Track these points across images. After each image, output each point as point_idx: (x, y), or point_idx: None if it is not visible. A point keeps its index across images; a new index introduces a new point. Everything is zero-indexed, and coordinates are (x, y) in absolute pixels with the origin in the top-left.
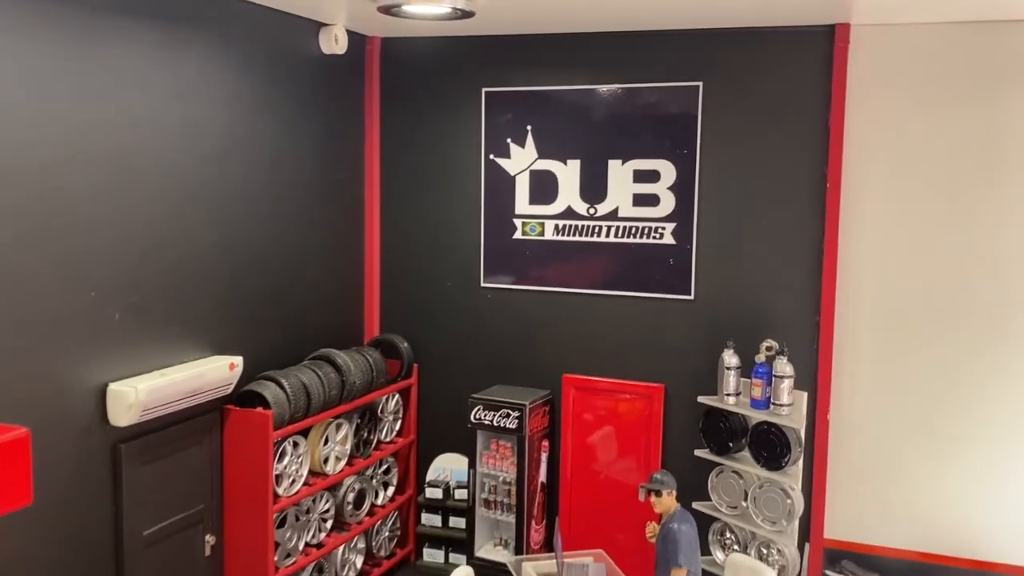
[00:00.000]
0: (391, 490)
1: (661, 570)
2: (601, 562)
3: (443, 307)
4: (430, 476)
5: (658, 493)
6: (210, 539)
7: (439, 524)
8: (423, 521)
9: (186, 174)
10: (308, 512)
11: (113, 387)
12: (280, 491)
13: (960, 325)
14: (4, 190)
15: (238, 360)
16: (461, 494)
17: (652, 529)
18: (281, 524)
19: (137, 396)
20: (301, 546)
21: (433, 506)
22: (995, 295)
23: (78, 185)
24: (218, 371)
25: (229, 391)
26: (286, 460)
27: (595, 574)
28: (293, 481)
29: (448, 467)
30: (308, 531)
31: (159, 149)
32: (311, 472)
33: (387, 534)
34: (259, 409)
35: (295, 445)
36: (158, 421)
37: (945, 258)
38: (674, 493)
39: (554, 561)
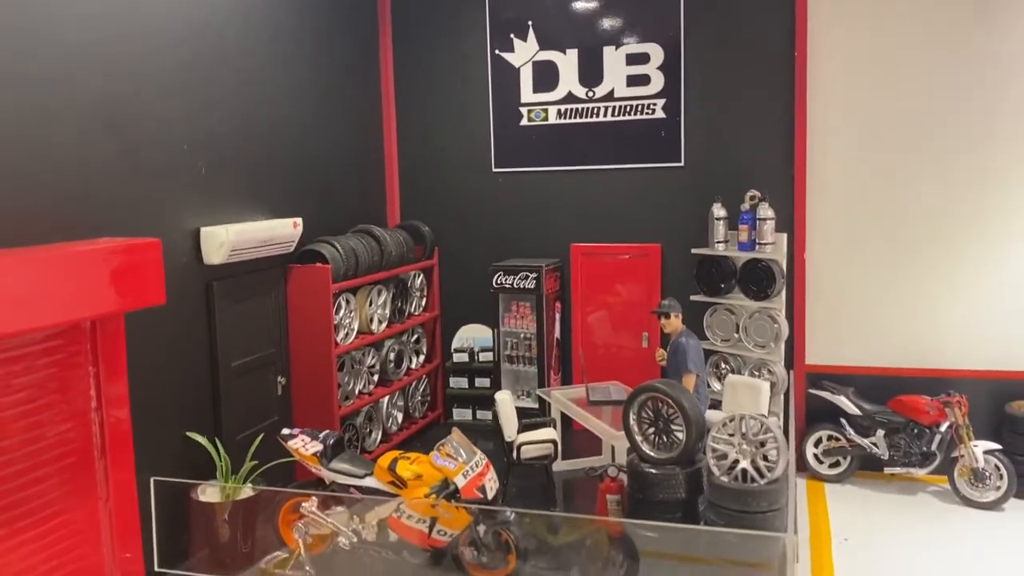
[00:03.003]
0: (422, 357)
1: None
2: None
3: (458, 194)
4: (455, 345)
5: (667, 316)
6: (281, 380)
7: (466, 386)
8: (451, 384)
9: (245, 67)
10: (359, 363)
11: (205, 229)
12: (338, 339)
13: (912, 173)
14: (137, 63)
15: (299, 221)
16: (485, 356)
17: (661, 354)
18: (340, 368)
19: (228, 235)
20: (356, 391)
21: (460, 370)
22: (944, 136)
23: (175, 65)
24: (285, 227)
25: (291, 248)
26: (341, 313)
27: (616, 392)
28: (347, 334)
29: (471, 336)
30: (360, 380)
31: (232, 51)
32: (359, 332)
33: (419, 398)
34: (318, 264)
35: (347, 302)
36: (239, 267)
37: (900, 109)
38: (680, 316)
39: (578, 388)
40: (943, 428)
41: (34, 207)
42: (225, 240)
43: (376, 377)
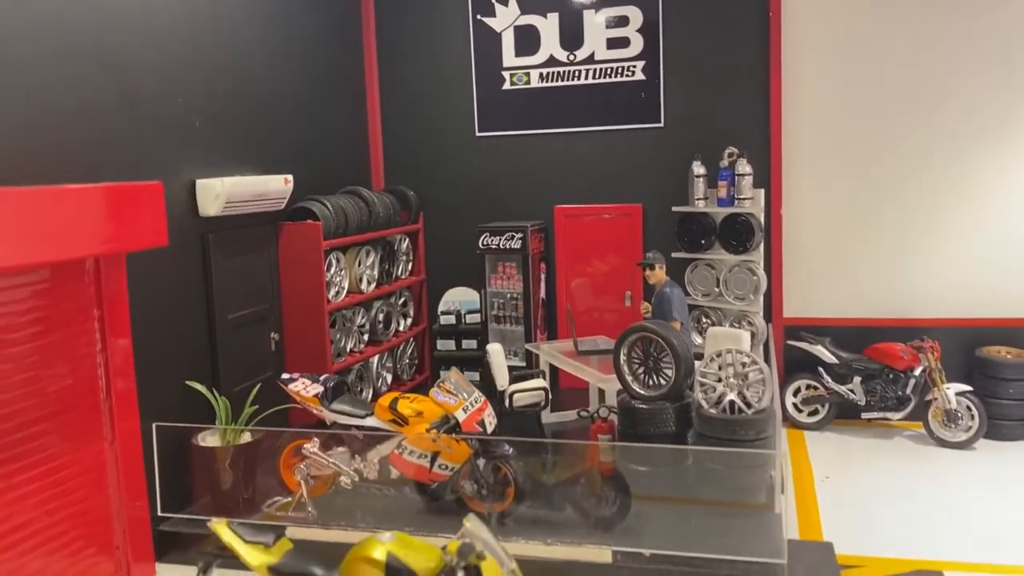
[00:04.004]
0: (409, 321)
1: None
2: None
3: (442, 159)
4: (441, 308)
5: (651, 267)
6: (275, 336)
7: (453, 348)
8: (438, 347)
9: (235, 24)
10: (350, 322)
11: (201, 182)
12: (329, 297)
13: (884, 131)
14: (134, 14)
15: (290, 177)
16: (472, 319)
17: (646, 307)
18: (332, 326)
19: (223, 187)
20: (348, 349)
21: (447, 332)
22: (917, 95)
23: (170, 18)
24: (276, 183)
25: (282, 206)
26: (332, 270)
27: (604, 343)
28: (337, 292)
29: (457, 299)
30: (351, 338)
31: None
32: (349, 291)
33: (407, 361)
34: (309, 222)
35: (337, 260)
36: (233, 221)
37: (874, 69)
38: (664, 267)
39: (566, 342)
40: (917, 372)
41: (34, 150)
42: (221, 192)
43: (366, 337)
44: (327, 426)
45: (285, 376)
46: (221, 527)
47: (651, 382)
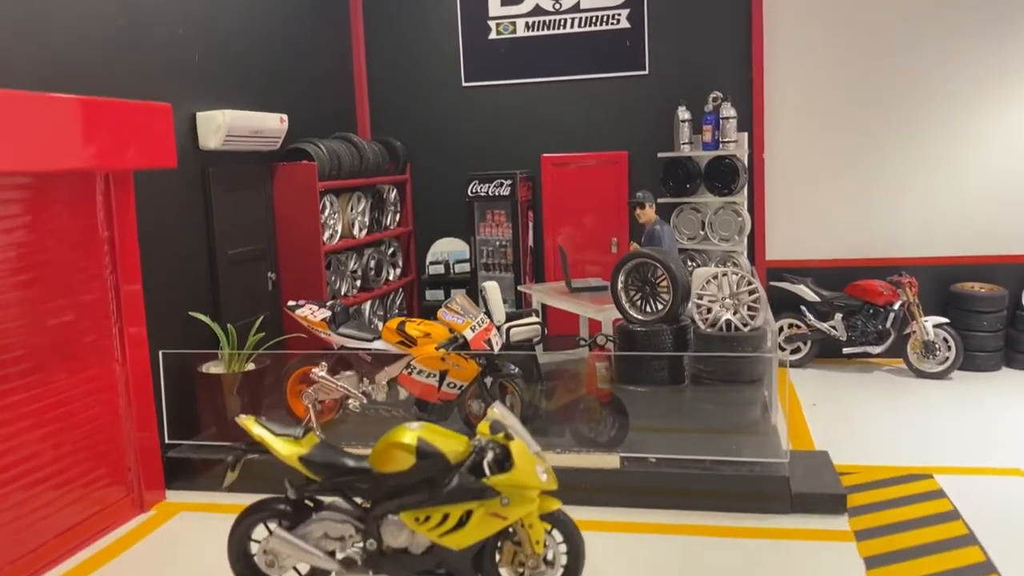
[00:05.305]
0: (398, 271)
1: None
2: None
3: (429, 110)
4: (430, 258)
5: (641, 206)
6: (271, 275)
7: (442, 297)
8: (427, 297)
9: None
10: (344, 265)
11: (202, 114)
12: (324, 239)
13: (863, 73)
14: None
15: (285, 117)
16: (460, 268)
17: (635, 247)
18: (327, 267)
19: (224, 119)
20: (342, 292)
21: (436, 282)
22: (895, 38)
23: None
24: (273, 121)
25: (277, 146)
26: (326, 213)
27: (596, 282)
28: (331, 235)
29: (446, 250)
30: (345, 282)
31: None
32: (342, 236)
33: (396, 311)
34: (304, 162)
35: (331, 203)
36: (231, 157)
37: (853, 15)
38: (654, 207)
39: (559, 284)
40: (896, 307)
41: (39, 66)
42: (222, 123)
43: (359, 283)
44: (334, 351)
45: (291, 303)
46: (250, 422)
47: (648, 308)
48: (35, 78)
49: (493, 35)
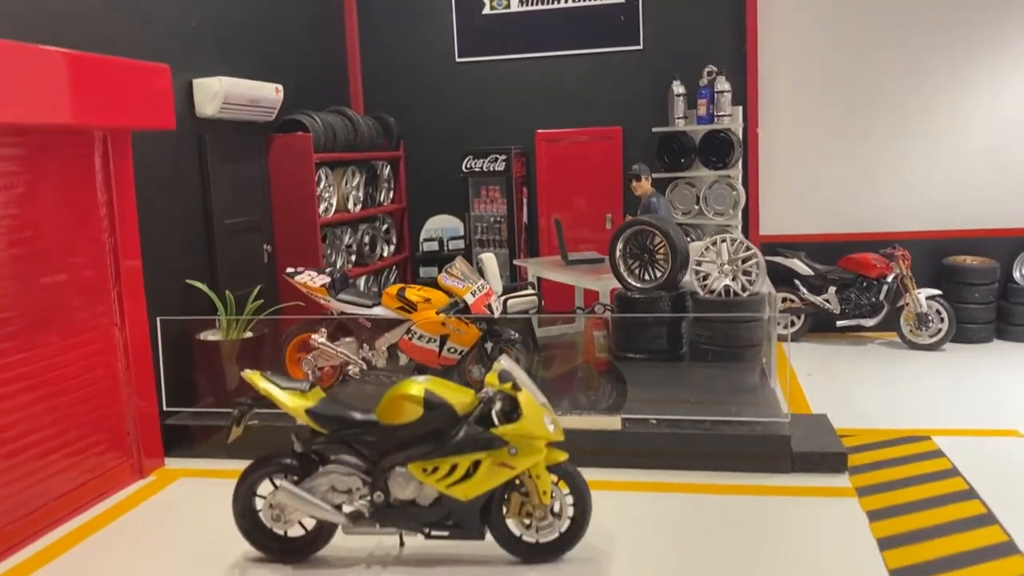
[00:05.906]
0: (392, 247)
1: None
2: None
3: (422, 86)
4: (424, 236)
5: (637, 178)
6: (267, 247)
7: (436, 274)
8: (421, 274)
9: None
10: (339, 239)
11: (199, 80)
12: (320, 212)
13: (855, 48)
14: None
15: (280, 87)
16: (454, 244)
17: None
18: (323, 240)
19: (221, 86)
20: (338, 265)
21: (430, 259)
22: (890, 13)
23: None
24: (269, 91)
25: (272, 117)
26: (321, 185)
27: (593, 255)
28: (327, 208)
29: (439, 227)
30: (340, 255)
31: None
32: (337, 210)
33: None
34: (300, 133)
35: (326, 176)
36: (227, 125)
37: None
38: (650, 179)
39: (555, 258)
40: (889, 279)
41: (36, 25)
42: (219, 90)
43: (354, 258)
44: (333, 316)
45: (290, 269)
46: (256, 376)
47: (647, 276)
48: (32, 38)
49: (487, 10)
